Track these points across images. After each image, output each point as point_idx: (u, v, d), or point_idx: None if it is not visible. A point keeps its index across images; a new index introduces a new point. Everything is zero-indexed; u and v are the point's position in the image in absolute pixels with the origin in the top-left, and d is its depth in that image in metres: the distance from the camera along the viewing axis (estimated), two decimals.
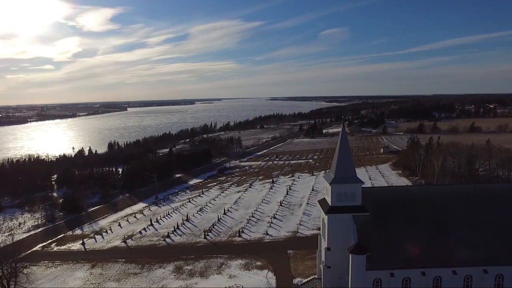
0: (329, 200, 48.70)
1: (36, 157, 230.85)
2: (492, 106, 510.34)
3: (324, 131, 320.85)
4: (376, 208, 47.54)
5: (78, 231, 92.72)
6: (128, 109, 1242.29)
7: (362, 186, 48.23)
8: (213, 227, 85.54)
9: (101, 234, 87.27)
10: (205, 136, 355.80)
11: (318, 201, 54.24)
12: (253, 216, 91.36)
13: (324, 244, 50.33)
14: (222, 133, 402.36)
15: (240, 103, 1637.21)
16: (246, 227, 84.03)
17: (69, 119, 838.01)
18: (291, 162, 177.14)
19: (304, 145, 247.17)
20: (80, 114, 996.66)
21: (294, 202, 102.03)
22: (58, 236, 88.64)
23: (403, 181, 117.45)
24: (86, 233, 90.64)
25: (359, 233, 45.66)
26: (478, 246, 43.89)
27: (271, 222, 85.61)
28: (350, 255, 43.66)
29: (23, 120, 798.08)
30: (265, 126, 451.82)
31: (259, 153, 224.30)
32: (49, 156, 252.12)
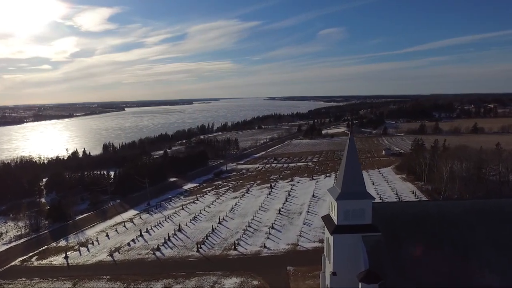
0: (335, 218, 42.82)
1: (29, 159, 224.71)
2: (491, 106, 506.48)
3: (323, 131, 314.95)
4: (388, 227, 41.75)
5: (62, 242, 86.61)
6: (125, 109, 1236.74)
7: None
8: (207, 239, 79.61)
9: (87, 246, 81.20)
10: (202, 137, 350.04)
11: (321, 217, 48.33)
12: (249, 226, 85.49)
13: (329, 266, 44.52)
14: (220, 133, 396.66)
15: (238, 103, 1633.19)
16: (242, 238, 78.16)
17: (66, 119, 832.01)
18: (290, 165, 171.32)
19: (303, 147, 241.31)
20: (77, 114, 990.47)
21: (293, 210, 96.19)
22: (41, 248, 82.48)
23: (408, 187, 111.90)
24: (71, 244, 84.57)
25: (370, 257, 39.93)
26: (507, 273, 38.20)
27: (269, 233, 79.75)
28: (360, 284, 37.88)
29: (19, 121, 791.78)
30: (263, 127, 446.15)
31: (257, 155, 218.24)
32: (42, 158, 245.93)
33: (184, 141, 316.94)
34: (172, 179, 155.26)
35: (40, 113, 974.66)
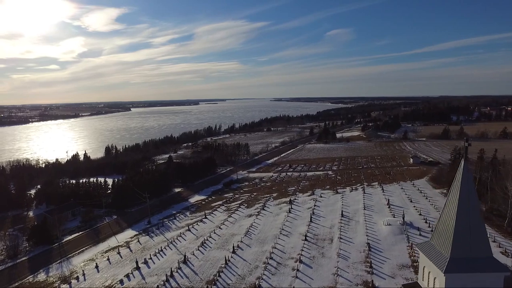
0: None
1: (26, 163, 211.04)
2: (510, 108, 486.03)
3: (338, 135, 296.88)
4: None
5: (41, 275, 70.93)
6: (131, 109, 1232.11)
7: None
8: (219, 276, 63.29)
9: (70, 283, 65.40)
10: (209, 139, 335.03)
11: (403, 286, 31.82)
12: (271, 258, 69.00)
13: None
14: (227, 136, 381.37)
15: (245, 103, 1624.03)
16: (264, 276, 61.71)
17: (71, 120, 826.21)
18: (308, 174, 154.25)
19: (318, 152, 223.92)
20: (83, 114, 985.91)
21: (322, 235, 79.46)
22: (12, 285, 66.84)
23: None
24: (50, 279, 68.83)
25: None
26: None
27: (297, 269, 63.26)
28: None
29: (24, 120, 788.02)
30: (272, 129, 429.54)
31: (269, 161, 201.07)
32: (40, 162, 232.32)
33: (190, 144, 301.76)
34: (176, 190, 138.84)
35: (46, 113, 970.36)
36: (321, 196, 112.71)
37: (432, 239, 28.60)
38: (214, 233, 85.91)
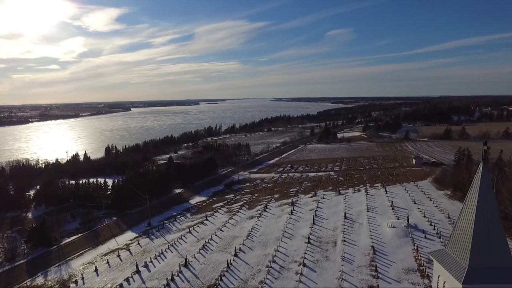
0: None
1: (23, 163, 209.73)
2: (511, 108, 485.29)
3: (339, 135, 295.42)
4: None
5: (40, 279, 69.55)
6: (131, 109, 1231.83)
7: None
8: (221, 280, 61.98)
9: (69, 287, 63.97)
10: (209, 139, 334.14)
11: None
12: (274, 261, 67.68)
13: None
14: (228, 136, 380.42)
15: (245, 103, 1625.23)
16: (267, 281, 60.34)
17: (71, 120, 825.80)
18: (309, 174, 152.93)
19: (319, 153, 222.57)
20: (83, 114, 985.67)
21: (325, 238, 78.10)
22: None
23: (458, 207, 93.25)
24: (49, 283, 67.45)
25: None
26: None
27: (301, 273, 61.91)
28: None
29: (24, 120, 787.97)
30: (272, 129, 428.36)
31: (270, 161, 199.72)
32: (39, 162, 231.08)
33: (190, 144, 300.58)
34: (177, 191, 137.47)
35: (46, 113, 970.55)
36: (323, 198, 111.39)
37: (448, 246, 27.21)
38: (216, 235, 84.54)
